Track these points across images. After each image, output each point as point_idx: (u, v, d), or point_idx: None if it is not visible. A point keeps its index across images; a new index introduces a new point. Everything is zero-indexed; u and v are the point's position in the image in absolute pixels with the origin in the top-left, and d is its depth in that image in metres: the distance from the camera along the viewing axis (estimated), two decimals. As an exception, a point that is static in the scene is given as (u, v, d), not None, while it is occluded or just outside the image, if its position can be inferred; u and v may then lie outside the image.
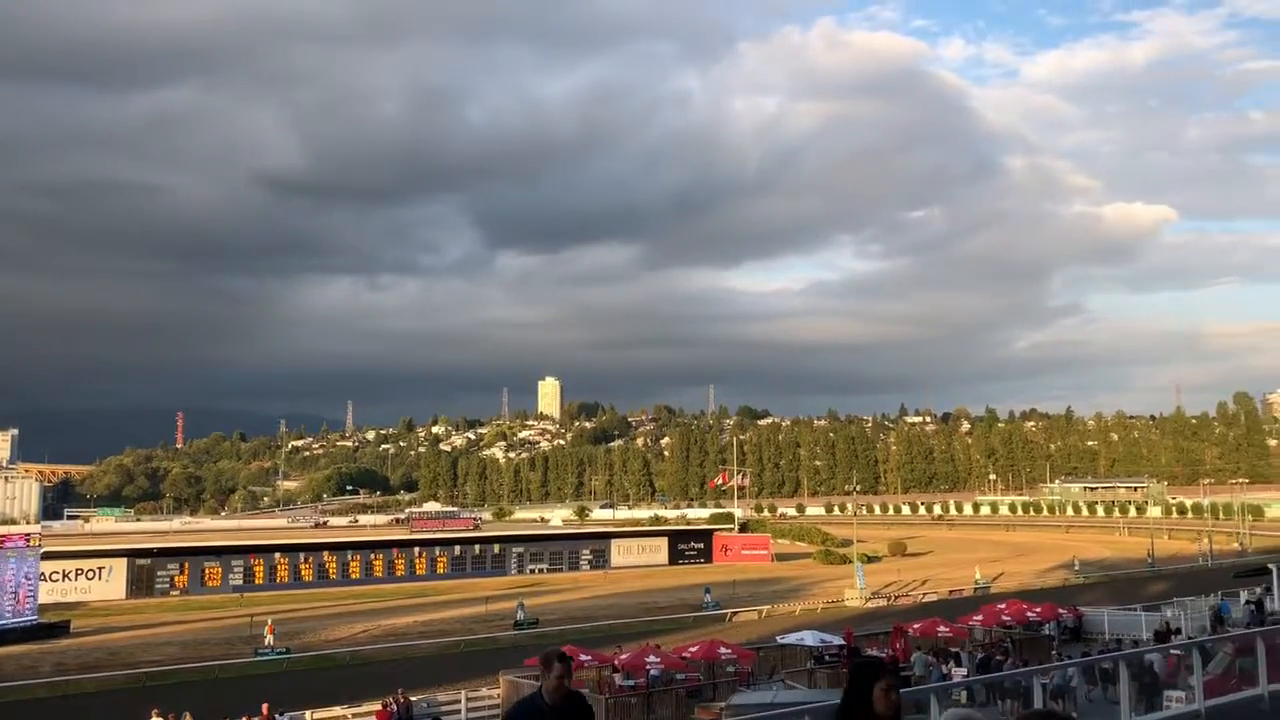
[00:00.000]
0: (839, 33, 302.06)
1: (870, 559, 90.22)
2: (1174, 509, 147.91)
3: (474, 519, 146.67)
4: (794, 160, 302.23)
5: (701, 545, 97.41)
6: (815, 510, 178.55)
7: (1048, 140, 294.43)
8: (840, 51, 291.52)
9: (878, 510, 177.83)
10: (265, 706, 28.41)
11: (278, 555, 79.42)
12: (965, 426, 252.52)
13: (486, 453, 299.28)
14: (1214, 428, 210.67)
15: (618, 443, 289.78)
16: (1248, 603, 45.27)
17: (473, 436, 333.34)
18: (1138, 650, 21.41)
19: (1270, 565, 50.20)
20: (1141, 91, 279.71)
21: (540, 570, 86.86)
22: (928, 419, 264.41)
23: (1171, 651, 20.09)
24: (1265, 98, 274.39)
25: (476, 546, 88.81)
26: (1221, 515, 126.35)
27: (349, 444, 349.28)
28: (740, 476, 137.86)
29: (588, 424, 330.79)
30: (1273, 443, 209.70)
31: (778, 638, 39.87)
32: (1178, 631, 39.23)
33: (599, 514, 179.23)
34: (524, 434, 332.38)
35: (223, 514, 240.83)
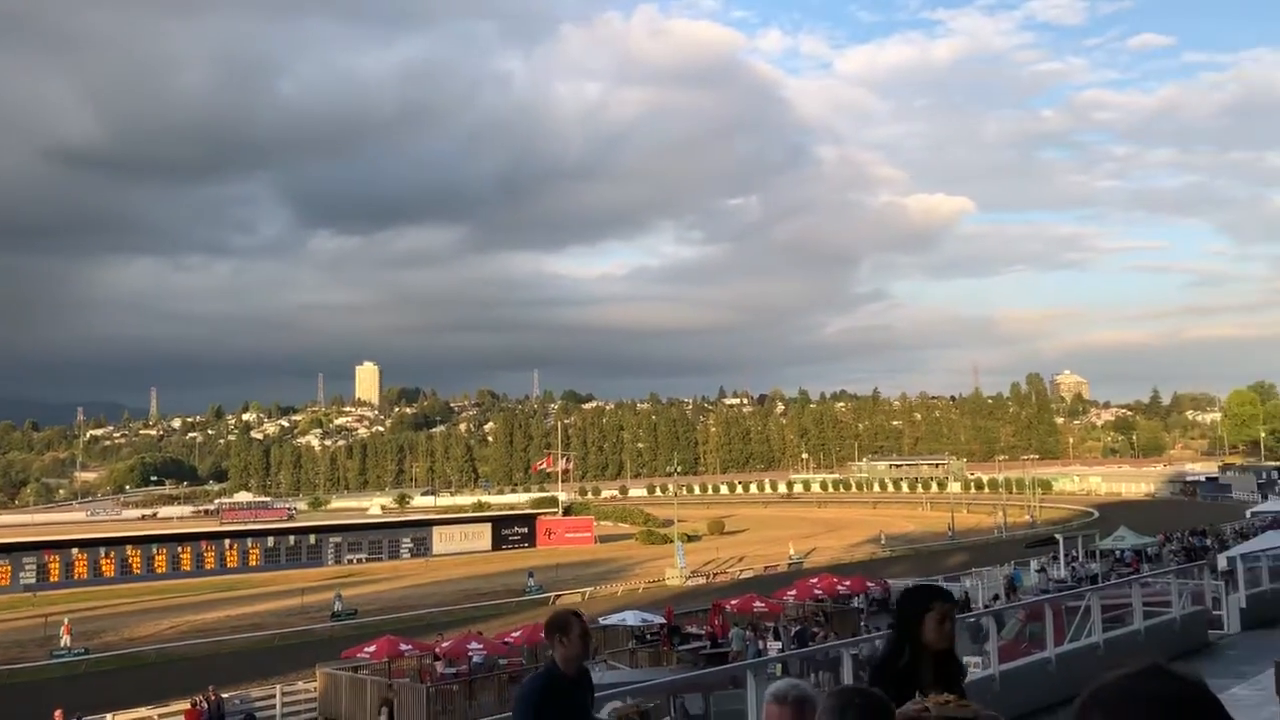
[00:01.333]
0: (661, 20, 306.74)
1: (690, 538, 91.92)
2: (972, 484, 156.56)
3: (288, 509, 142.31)
4: (617, 146, 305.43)
5: (525, 530, 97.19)
6: (638, 492, 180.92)
7: (857, 132, 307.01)
8: (662, 39, 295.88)
9: (698, 490, 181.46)
10: (59, 712, 26.78)
11: (75, 551, 74.81)
12: (780, 408, 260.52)
13: (301, 441, 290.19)
14: (1008, 407, 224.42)
15: (440, 429, 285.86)
16: (1037, 571, 48.45)
17: (286, 424, 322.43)
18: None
19: (1057, 536, 53.86)
20: (945, 88, 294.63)
21: (359, 560, 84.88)
22: (745, 401, 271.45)
23: (969, 619, 21.33)
24: (1055, 97, 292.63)
25: (291, 537, 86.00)
26: (1015, 489, 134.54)
27: (153, 433, 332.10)
28: (564, 460, 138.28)
29: (409, 410, 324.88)
30: (1060, 420, 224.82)
31: (600, 619, 40.19)
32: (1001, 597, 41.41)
33: (420, 501, 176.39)
34: (341, 421, 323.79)
35: (13, 508, 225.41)
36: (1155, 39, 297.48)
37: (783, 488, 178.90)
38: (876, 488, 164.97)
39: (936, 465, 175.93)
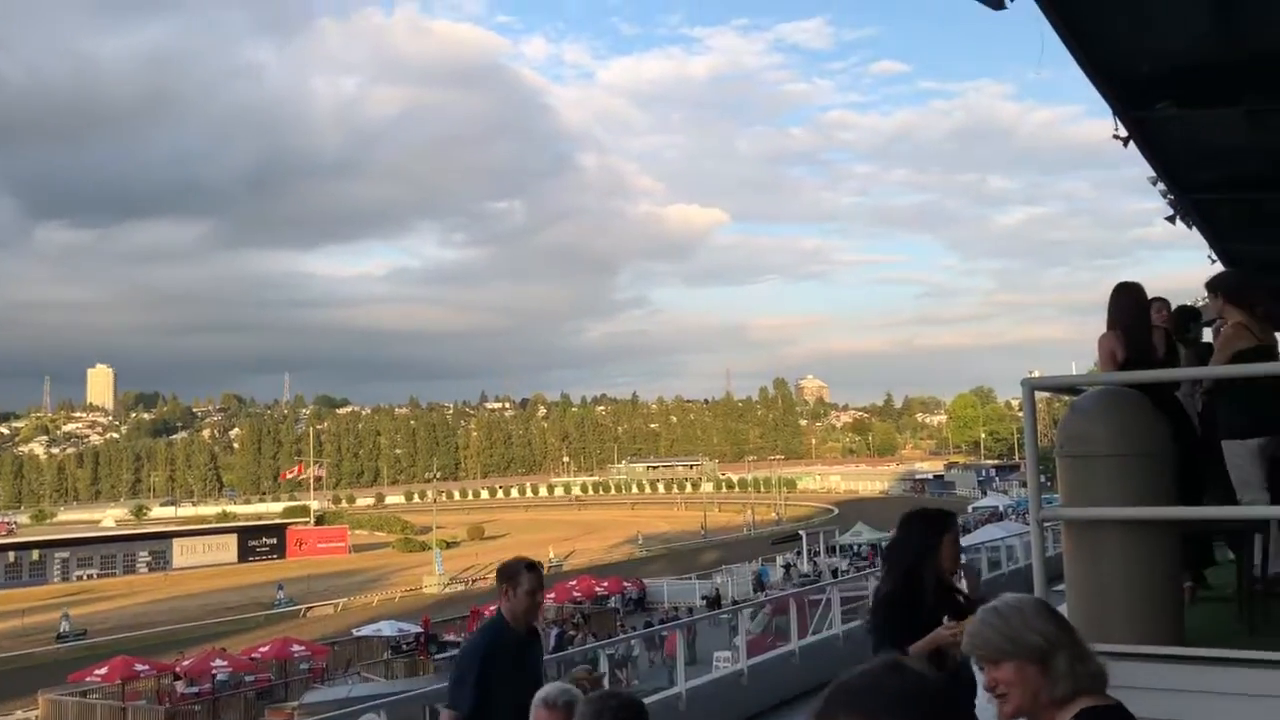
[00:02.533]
0: (422, 19, 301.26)
1: (449, 544, 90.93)
2: (724, 484, 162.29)
3: (8, 523, 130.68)
4: (376, 144, 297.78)
5: (274, 540, 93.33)
6: (395, 499, 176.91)
7: (619, 142, 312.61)
8: (423, 38, 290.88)
9: (458, 496, 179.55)
10: None
11: None
12: (542, 412, 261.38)
13: (24, 448, 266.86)
14: (757, 410, 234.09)
15: (181, 435, 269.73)
16: (783, 566, 50.76)
17: (6, 431, 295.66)
18: (691, 619, 23.33)
19: (800, 532, 56.59)
20: (702, 103, 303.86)
21: (90, 576, 79.17)
22: (507, 405, 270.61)
23: (720, 616, 22.16)
24: (802, 117, 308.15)
25: (10, 554, 79.20)
26: (763, 489, 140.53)
27: None
28: (317, 467, 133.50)
29: (146, 415, 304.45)
30: (804, 423, 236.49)
31: (354, 630, 39.21)
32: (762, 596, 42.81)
33: (160, 512, 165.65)
34: (70, 427, 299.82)
35: None
36: (894, 66, 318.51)
37: (544, 491, 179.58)
38: (635, 489, 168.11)
39: (691, 466, 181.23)
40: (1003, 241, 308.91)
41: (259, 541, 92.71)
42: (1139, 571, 4.28)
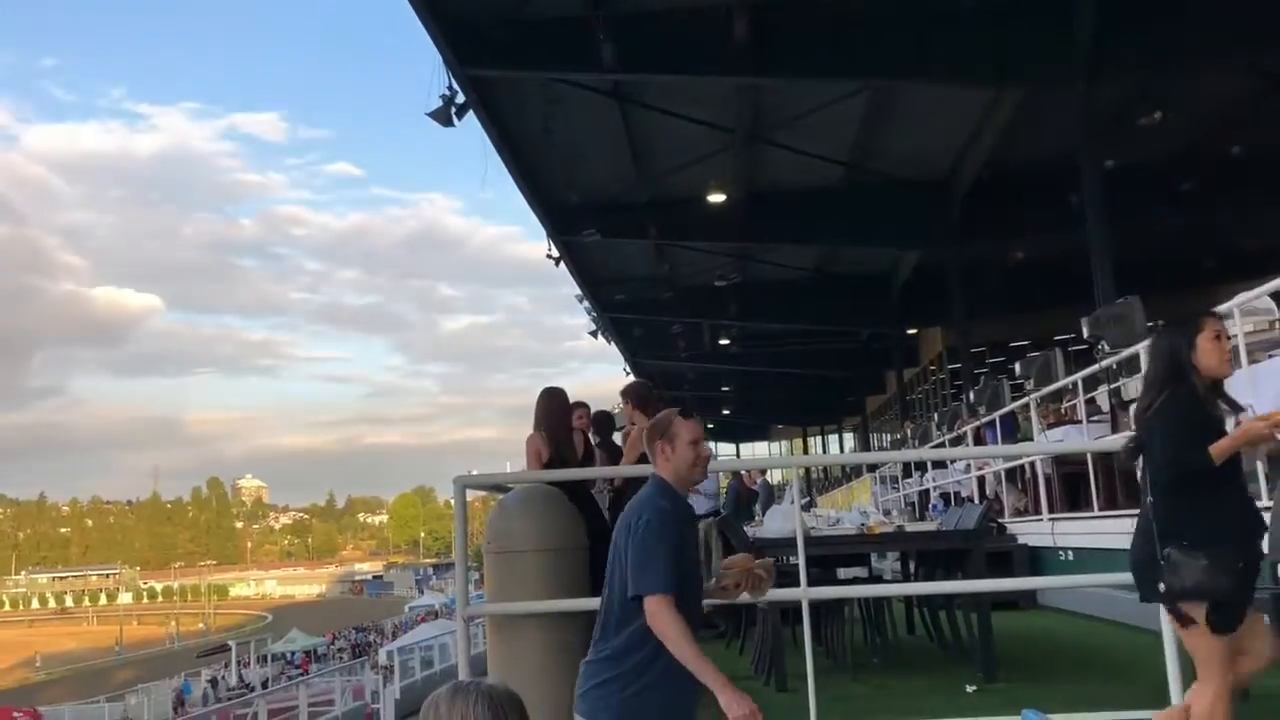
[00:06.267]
0: None
1: None
2: (146, 594, 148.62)
3: None
4: None
5: None
6: None
7: (40, 213, 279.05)
8: None
9: None
10: None
11: None
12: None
13: None
14: (188, 512, 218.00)
15: None
16: (208, 681, 47.34)
17: None
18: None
19: (230, 642, 53.27)
20: (144, 182, 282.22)
21: None
22: None
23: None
24: (253, 207, 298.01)
25: None
26: (190, 597, 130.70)
27: None
28: None
29: None
30: (240, 525, 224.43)
31: None
32: None
33: None
34: None
35: None
36: (348, 168, 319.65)
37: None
38: (36, 604, 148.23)
39: (108, 575, 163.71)
40: (449, 346, 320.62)
41: None
42: (555, 660, 4.56)
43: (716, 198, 15.65)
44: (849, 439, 39.48)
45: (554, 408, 5.99)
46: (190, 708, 37.68)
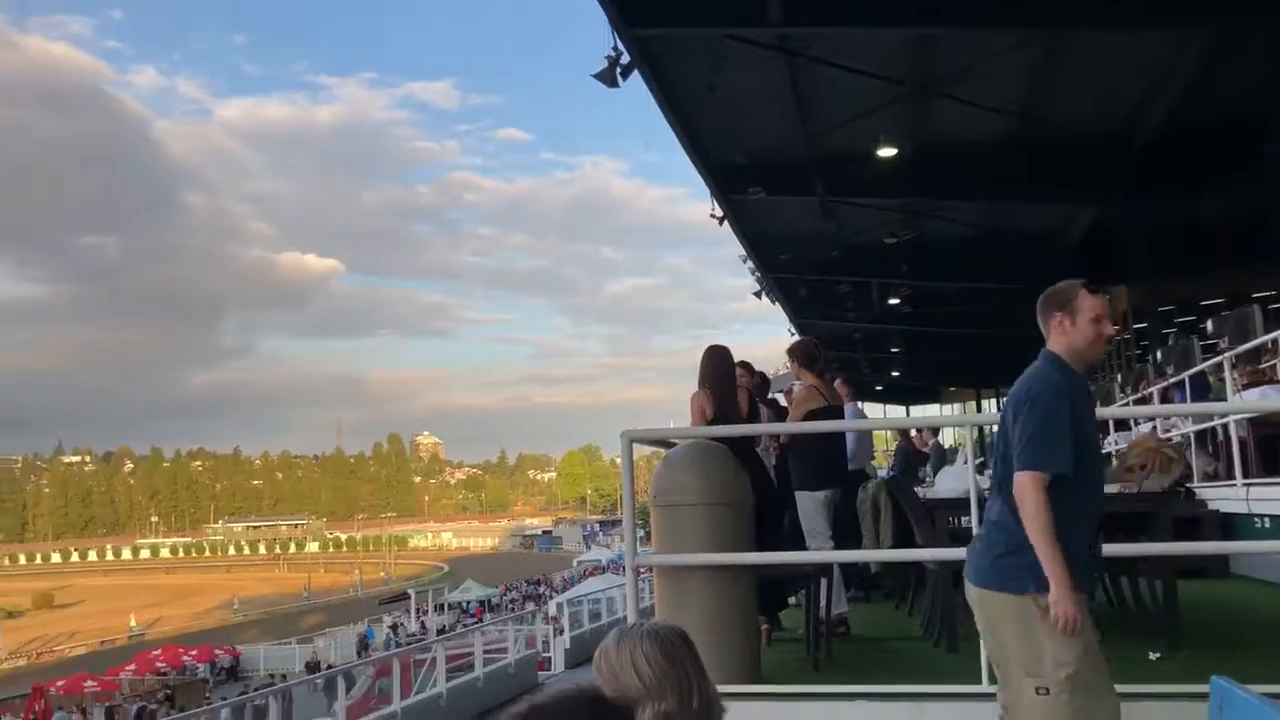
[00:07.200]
0: (10, 33, 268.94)
1: (11, 614, 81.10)
2: (331, 544, 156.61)
3: None
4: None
5: None
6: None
7: (232, 183, 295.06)
8: (8, 53, 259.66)
9: (24, 560, 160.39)
10: None
11: None
12: (129, 466, 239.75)
13: None
14: (369, 467, 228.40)
15: None
16: (389, 627, 49.64)
17: None
18: (285, 685, 22.18)
19: (409, 591, 55.76)
20: (325, 150, 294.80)
21: None
22: (88, 458, 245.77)
23: (318, 681, 21.25)
24: (427, 174, 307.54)
25: None
26: (372, 547, 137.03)
27: None
28: None
29: None
30: (418, 479, 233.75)
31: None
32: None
33: None
34: None
35: None
36: (517, 134, 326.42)
37: (128, 554, 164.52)
38: (232, 550, 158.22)
39: (296, 526, 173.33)
40: (612, 308, 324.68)
41: None
42: (719, 612, 4.60)
43: (886, 152, 15.23)
44: (1025, 401, 38.11)
45: (718, 365, 6.00)
46: (373, 651, 39.52)
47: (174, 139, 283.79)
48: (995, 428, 3.54)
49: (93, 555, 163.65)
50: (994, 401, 41.06)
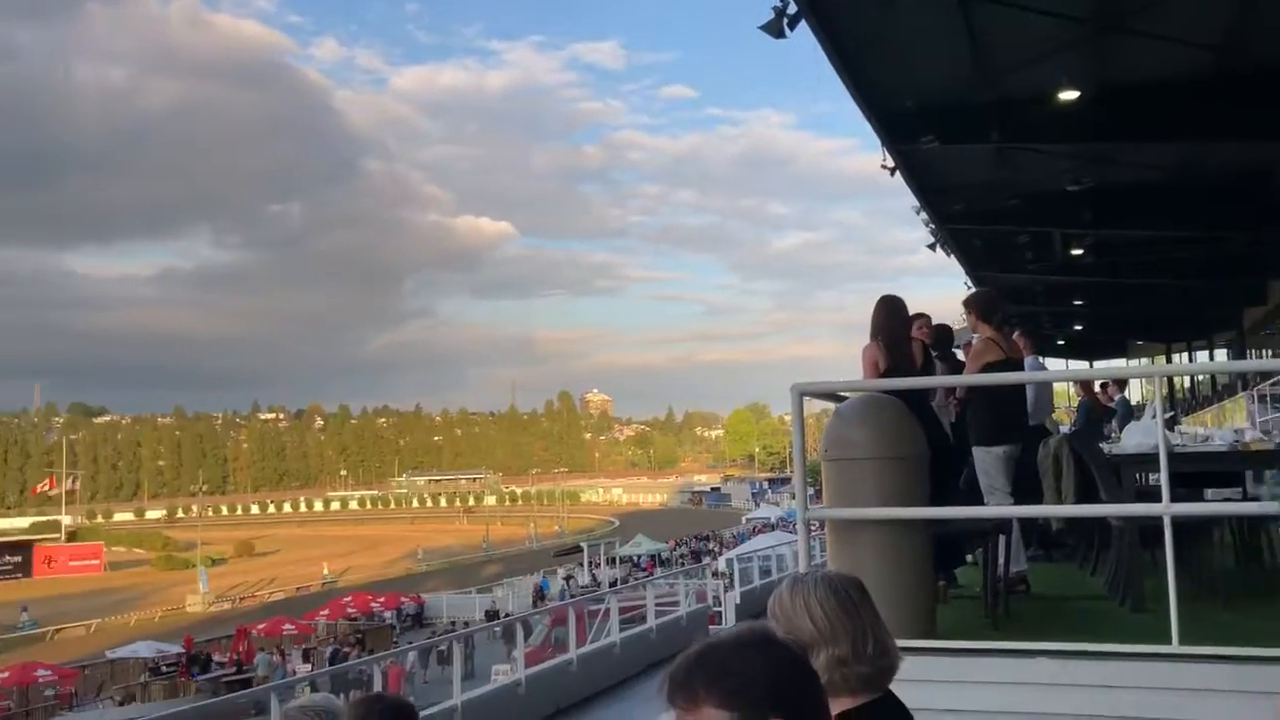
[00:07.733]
0: (202, 11, 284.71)
1: (216, 561, 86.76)
2: (507, 497, 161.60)
3: None
4: (145, 139, 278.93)
5: (19, 559, 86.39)
6: (157, 513, 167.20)
7: (408, 150, 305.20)
8: (202, 31, 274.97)
9: (225, 511, 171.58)
10: None
11: None
12: (319, 423, 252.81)
13: None
14: (542, 423, 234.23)
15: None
16: (564, 578, 50.92)
17: None
18: (467, 631, 23.11)
19: (582, 544, 56.95)
20: (496, 115, 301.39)
21: None
22: (282, 416, 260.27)
23: (497, 628, 22.03)
24: (593, 134, 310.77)
25: None
26: (546, 501, 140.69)
27: None
28: (70, 480, 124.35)
29: None
30: (588, 436, 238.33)
31: (108, 652, 36.80)
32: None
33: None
34: None
35: None
36: (683, 91, 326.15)
37: (319, 505, 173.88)
38: (415, 503, 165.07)
39: (474, 480, 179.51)
40: (779, 263, 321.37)
41: (0, 560, 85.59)
42: (894, 568, 4.55)
43: (1068, 95, 14.48)
44: (1220, 356, 35.95)
45: (892, 316, 5.87)
46: (548, 601, 40.69)
47: (353, 108, 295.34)
48: (1186, 380, 3.38)
49: (287, 507, 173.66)
50: (1185, 356, 38.73)
